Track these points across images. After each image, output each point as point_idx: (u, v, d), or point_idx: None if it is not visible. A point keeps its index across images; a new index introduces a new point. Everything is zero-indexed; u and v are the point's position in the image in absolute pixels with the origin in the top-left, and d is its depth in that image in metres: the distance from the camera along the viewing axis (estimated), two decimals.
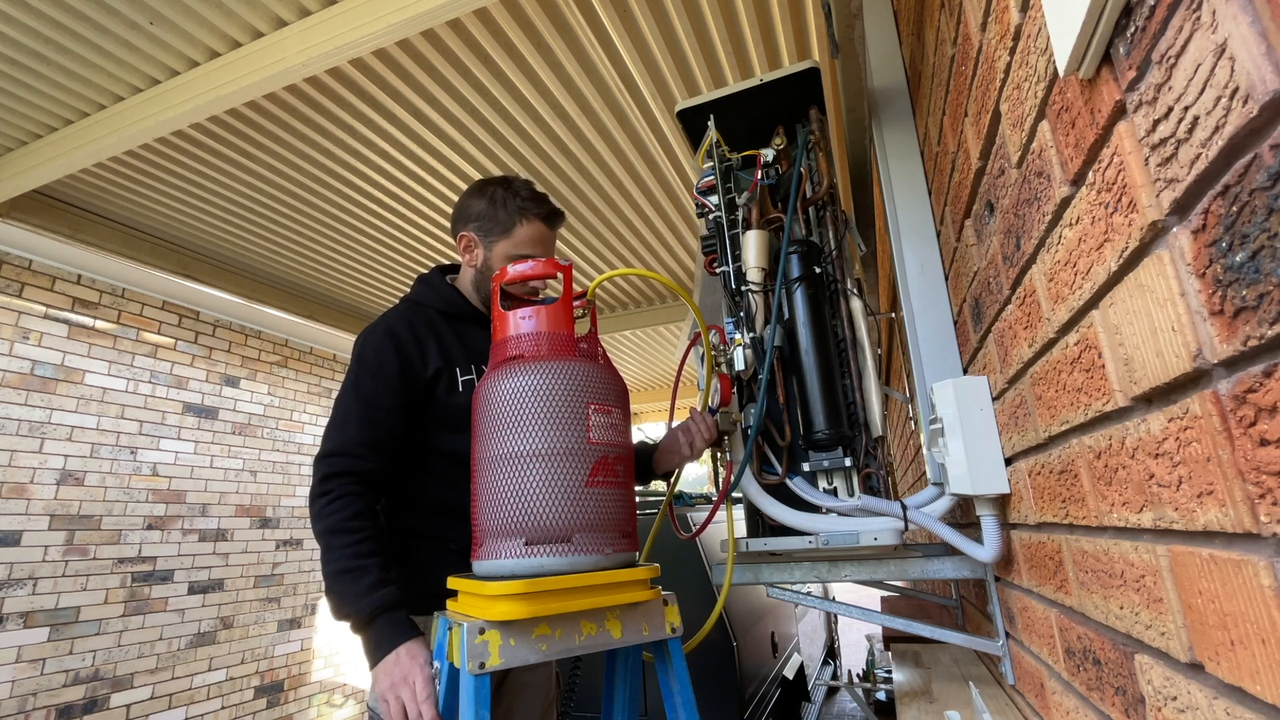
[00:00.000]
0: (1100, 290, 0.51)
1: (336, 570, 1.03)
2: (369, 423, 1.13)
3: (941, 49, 0.98)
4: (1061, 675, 0.74)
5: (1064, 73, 0.48)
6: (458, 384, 1.23)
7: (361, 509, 1.08)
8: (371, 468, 1.12)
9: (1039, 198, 0.61)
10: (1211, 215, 0.35)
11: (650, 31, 2.07)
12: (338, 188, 2.86)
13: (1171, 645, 0.46)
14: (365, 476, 1.11)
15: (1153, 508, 0.47)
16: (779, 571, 1.17)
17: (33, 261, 3.19)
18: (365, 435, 1.12)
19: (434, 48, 2.09)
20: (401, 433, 1.17)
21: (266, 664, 4.07)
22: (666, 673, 0.97)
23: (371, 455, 1.12)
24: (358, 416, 1.13)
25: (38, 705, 2.97)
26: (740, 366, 1.23)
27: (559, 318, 0.97)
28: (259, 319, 4.19)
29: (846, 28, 1.17)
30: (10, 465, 3.00)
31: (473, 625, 0.81)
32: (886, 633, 2.17)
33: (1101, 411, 0.53)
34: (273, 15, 1.91)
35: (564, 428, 0.90)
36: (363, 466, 1.11)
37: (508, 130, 2.54)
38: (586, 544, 0.88)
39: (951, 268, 1.08)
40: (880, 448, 1.19)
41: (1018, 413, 0.79)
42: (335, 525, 1.05)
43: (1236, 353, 0.34)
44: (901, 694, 1.22)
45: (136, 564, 3.45)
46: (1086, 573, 0.62)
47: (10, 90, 2.15)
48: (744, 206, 1.40)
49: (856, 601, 5.64)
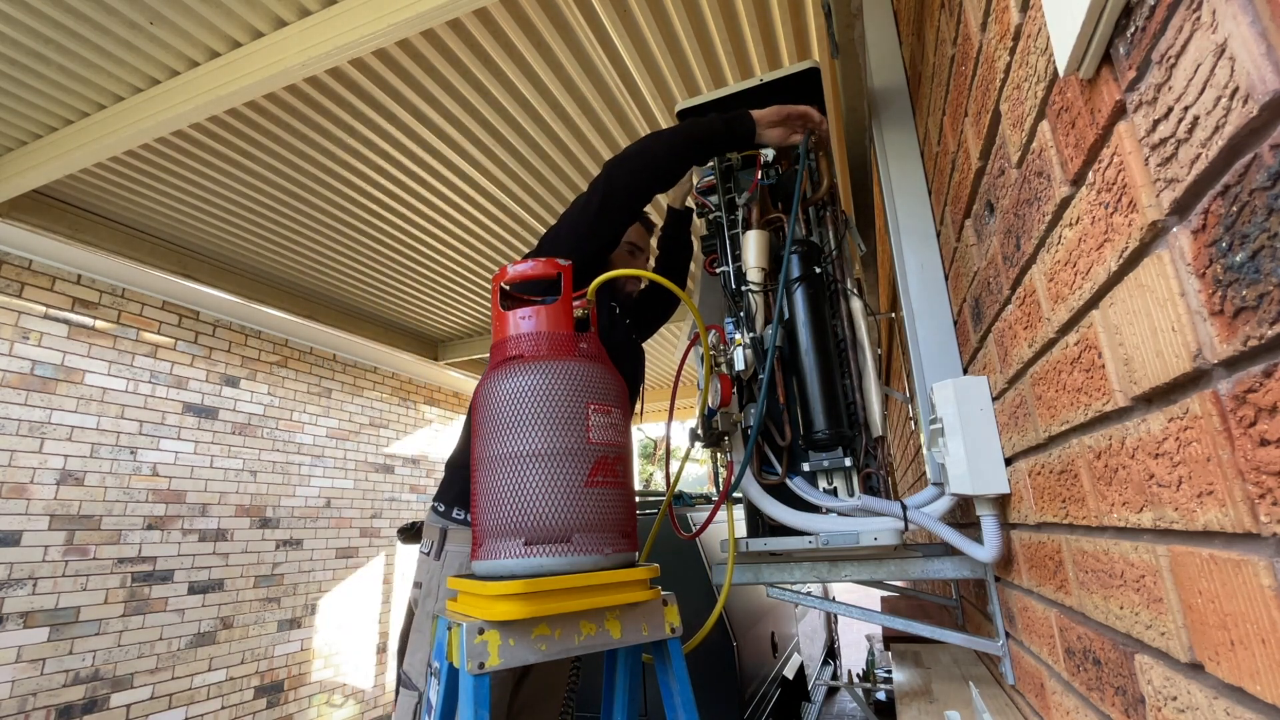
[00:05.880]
0: (1100, 290, 0.51)
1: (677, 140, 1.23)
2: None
3: (941, 49, 0.98)
4: (1061, 675, 0.74)
5: (1064, 73, 0.48)
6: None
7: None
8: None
9: (1039, 198, 0.61)
10: (1211, 215, 0.35)
11: (650, 31, 2.07)
12: (338, 188, 2.86)
13: (1171, 645, 0.46)
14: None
15: (1153, 508, 0.47)
16: (779, 571, 1.17)
17: (33, 261, 3.19)
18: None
19: (434, 48, 2.09)
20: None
21: (266, 664, 4.07)
22: (666, 673, 0.97)
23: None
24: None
25: (38, 705, 2.97)
26: (740, 366, 1.23)
27: (559, 318, 0.97)
28: (259, 319, 4.19)
29: (846, 28, 1.17)
30: (10, 465, 3.00)
31: (472, 625, 0.81)
32: (886, 633, 2.17)
33: (1101, 411, 0.53)
34: (273, 15, 1.91)
35: (564, 428, 0.90)
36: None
37: (508, 130, 2.54)
38: (586, 544, 0.88)
39: (951, 268, 1.08)
40: (880, 448, 1.19)
41: (1018, 413, 0.79)
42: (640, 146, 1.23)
43: (1236, 353, 0.34)
44: (901, 694, 1.22)
45: (136, 564, 3.45)
46: (1086, 573, 0.62)
47: (10, 90, 2.15)
48: (744, 206, 1.40)
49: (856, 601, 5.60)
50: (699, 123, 1.25)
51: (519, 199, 3.05)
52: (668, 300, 1.71)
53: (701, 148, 1.24)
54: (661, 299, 1.70)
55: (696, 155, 1.24)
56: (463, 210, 3.13)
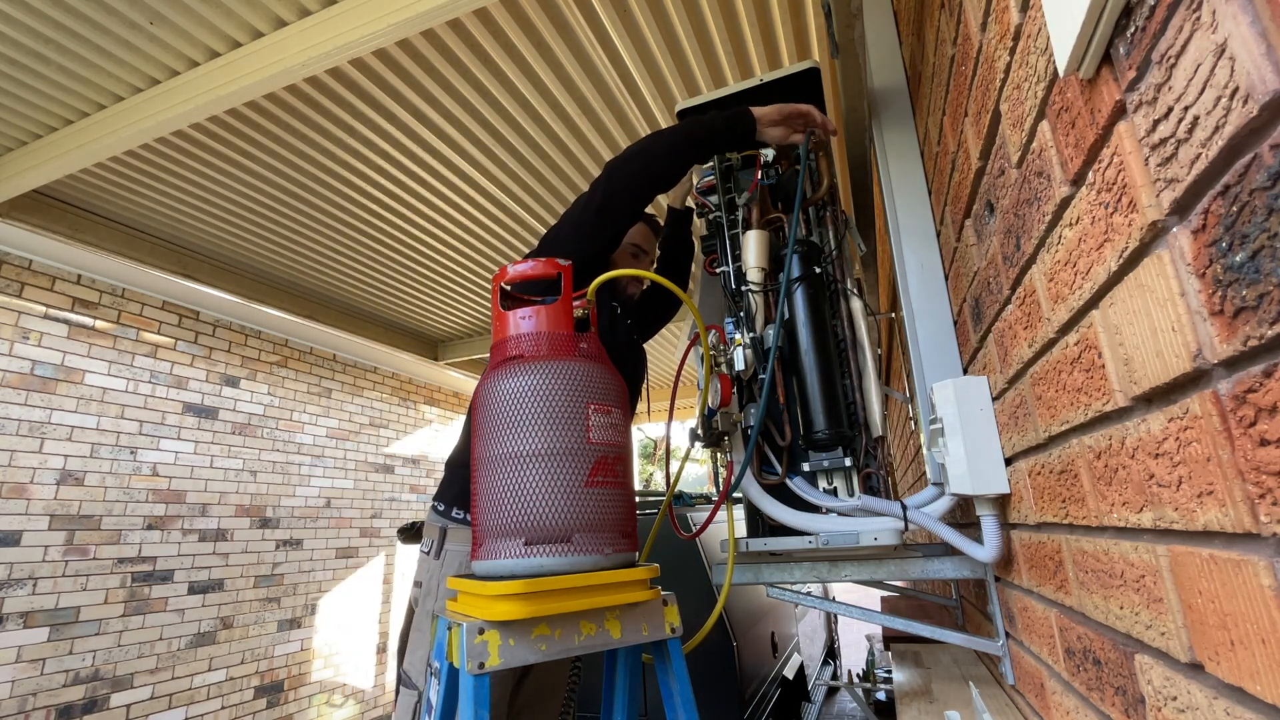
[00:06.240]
0: (1100, 290, 0.51)
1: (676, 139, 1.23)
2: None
3: (941, 49, 0.98)
4: (1061, 675, 0.74)
5: (1064, 73, 0.48)
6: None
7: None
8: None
9: (1039, 198, 0.61)
10: (1211, 215, 0.35)
11: (650, 31, 2.07)
12: (338, 188, 2.86)
13: (1171, 645, 0.46)
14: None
15: (1153, 508, 0.47)
16: (779, 571, 1.17)
17: (33, 261, 3.19)
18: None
19: (434, 48, 2.09)
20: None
21: (266, 664, 4.07)
22: (666, 673, 0.97)
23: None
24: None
25: (38, 705, 2.97)
26: (740, 366, 1.23)
27: (559, 318, 0.97)
28: (259, 319, 4.19)
29: (846, 28, 1.17)
30: (10, 465, 3.00)
31: (472, 625, 0.81)
32: (886, 633, 2.17)
33: (1101, 411, 0.53)
34: (273, 15, 1.91)
35: (564, 428, 0.90)
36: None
37: (508, 130, 2.54)
38: (586, 544, 0.88)
39: (951, 268, 1.08)
40: (880, 448, 1.19)
41: (1018, 413, 0.79)
42: (640, 147, 1.24)
43: (1236, 353, 0.34)
44: (901, 694, 1.22)
45: (136, 564, 3.45)
46: (1086, 573, 0.62)
47: (10, 90, 2.15)
48: (744, 206, 1.40)
49: (856, 601, 5.61)
50: (699, 121, 1.25)
51: (519, 199, 3.05)
52: (669, 301, 1.71)
53: (702, 146, 1.24)
54: (662, 300, 1.70)
55: (697, 153, 1.24)
56: (463, 210, 3.13)
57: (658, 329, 1.73)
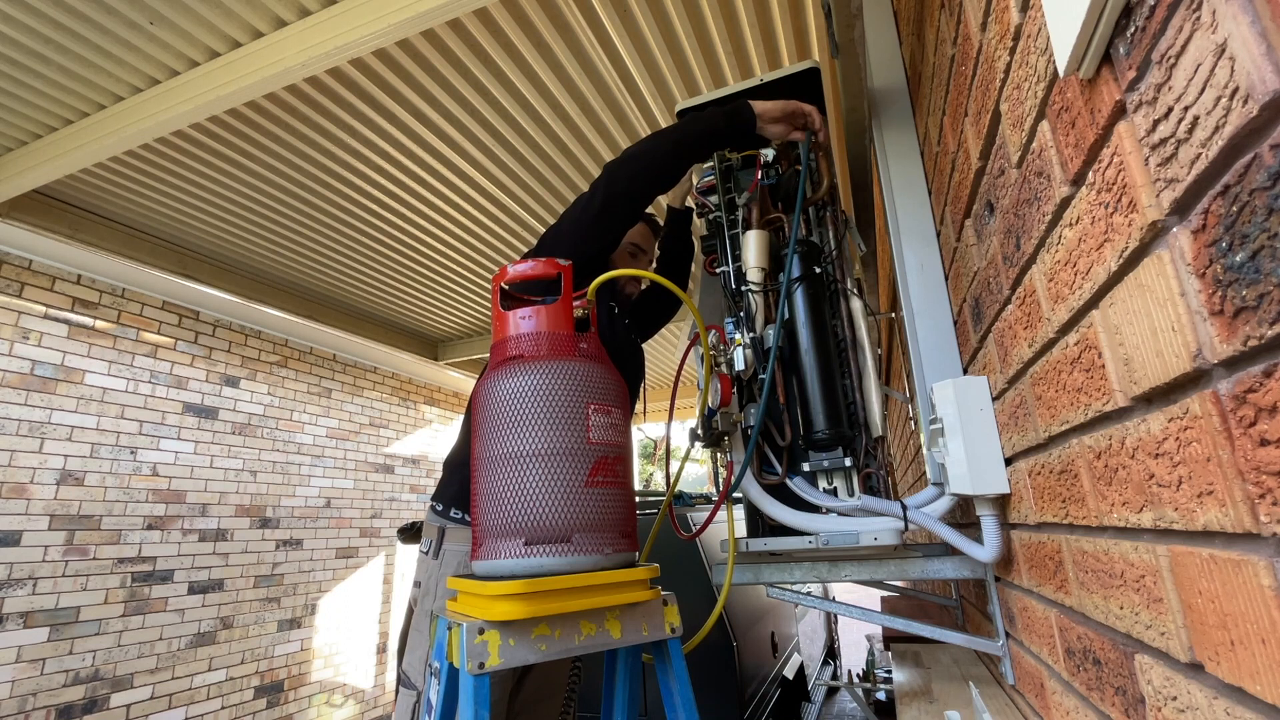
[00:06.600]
0: (1100, 290, 0.51)
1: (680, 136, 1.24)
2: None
3: (941, 49, 0.98)
4: (1061, 675, 0.74)
5: (1064, 73, 0.48)
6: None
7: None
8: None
9: (1039, 198, 0.61)
10: (1211, 215, 0.35)
11: (650, 31, 2.07)
12: (338, 188, 2.86)
13: (1171, 645, 0.46)
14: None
15: (1153, 508, 0.47)
16: (779, 571, 1.17)
17: (33, 261, 3.19)
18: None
19: (434, 48, 2.09)
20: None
21: (266, 664, 4.07)
22: (666, 673, 0.97)
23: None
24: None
25: (38, 705, 2.97)
26: (740, 366, 1.23)
27: (559, 318, 0.97)
28: (259, 319, 4.19)
29: (846, 28, 1.17)
30: (10, 465, 3.00)
31: (472, 625, 0.81)
32: (886, 633, 2.17)
33: (1101, 411, 0.53)
34: (273, 15, 1.91)
35: (564, 428, 0.90)
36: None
37: (508, 130, 2.54)
38: (586, 544, 0.88)
39: (951, 268, 1.08)
40: (880, 448, 1.19)
41: (1018, 413, 0.79)
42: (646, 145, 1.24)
43: (1236, 353, 0.34)
44: (901, 694, 1.22)
45: (136, 564, 3.45)
46: (1086, 573, 0.62)
47: (10, 90, 2.15)
48: (744, 206, 1.40)
49: (856, 601, 5.63)
50: (699, 118, 1.25)
51: (519, 199, 3.05)
52: (668, 301, 1.70)
53: (703, 143, 1.24)
54: (662, 300, 1.70)
55: (698, 151, 1.24)
56: (463, 210, 3.13)
57: (657, 329, 1.73)
